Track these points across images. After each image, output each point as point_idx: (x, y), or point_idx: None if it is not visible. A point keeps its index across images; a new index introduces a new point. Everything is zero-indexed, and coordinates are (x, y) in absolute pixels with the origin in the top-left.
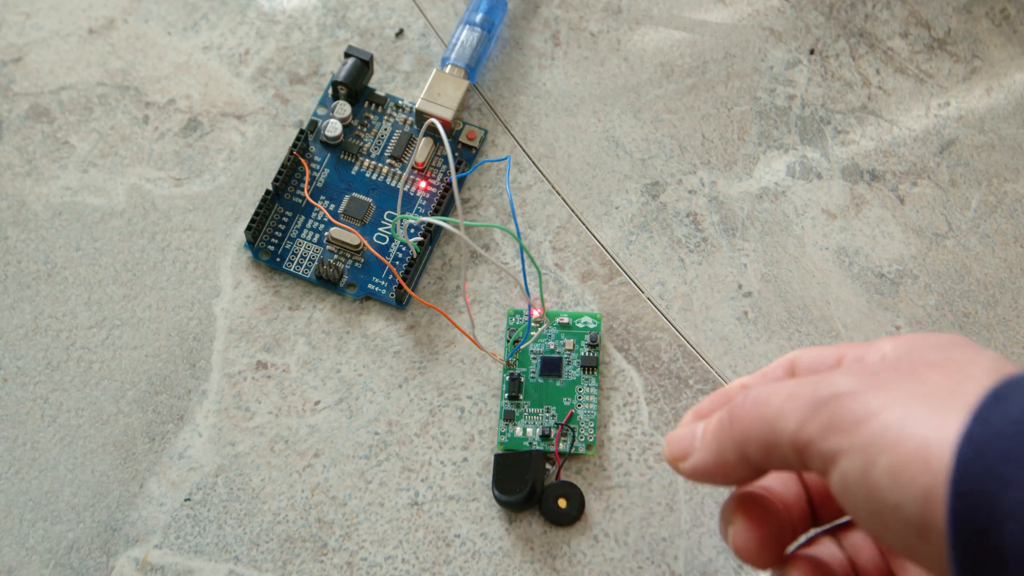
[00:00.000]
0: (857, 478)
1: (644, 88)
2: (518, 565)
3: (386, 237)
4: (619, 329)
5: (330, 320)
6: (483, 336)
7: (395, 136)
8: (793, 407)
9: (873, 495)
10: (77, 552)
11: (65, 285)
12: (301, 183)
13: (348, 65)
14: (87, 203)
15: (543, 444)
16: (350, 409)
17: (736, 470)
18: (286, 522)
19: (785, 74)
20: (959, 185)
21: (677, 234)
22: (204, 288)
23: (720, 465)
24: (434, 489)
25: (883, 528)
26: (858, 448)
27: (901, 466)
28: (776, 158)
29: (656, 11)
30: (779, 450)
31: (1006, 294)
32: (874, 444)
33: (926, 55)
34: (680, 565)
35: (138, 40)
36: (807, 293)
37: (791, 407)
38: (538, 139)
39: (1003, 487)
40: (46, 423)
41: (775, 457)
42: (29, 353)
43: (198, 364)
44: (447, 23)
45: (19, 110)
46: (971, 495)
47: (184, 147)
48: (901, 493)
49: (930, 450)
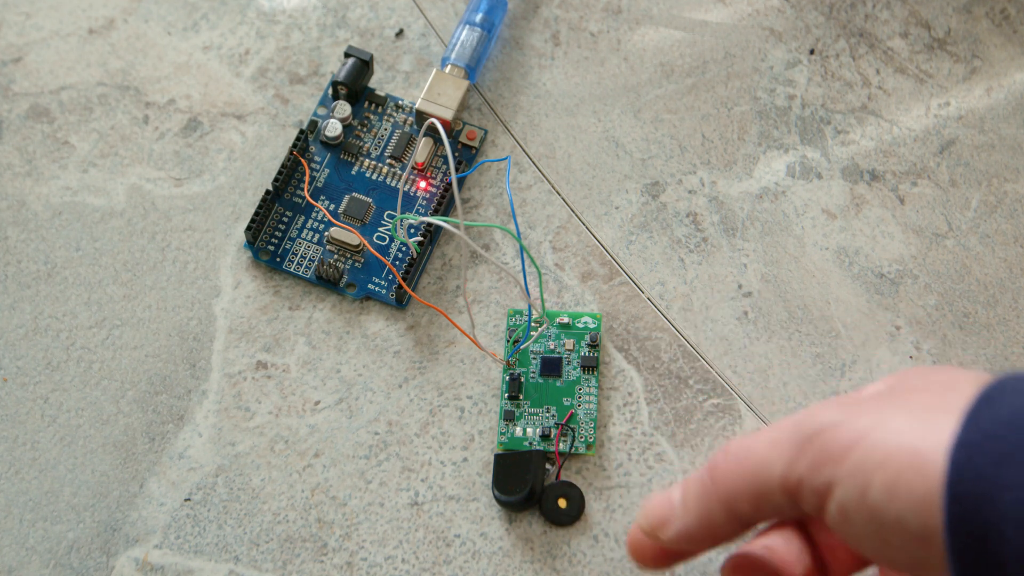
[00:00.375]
0: (855, 503)
1: (644, 88)
2: (518, 565)
3: (386, 237)
4: (619, 329)
5: (330, 320)
6: (483, 336)
7: (395, 136)
8: (778, 451)
9: (873, 516)
10: (77, 552)
11: (65, 285)
12: (301, 183)
13: (348, 65)
14: (87, 203)
15: (543, 444)
16: (350, 409)
17: (725, 529)
18: (286, 522)
19: (785, 74)
20: (959, 185)
21: (677, 234)
22: (204, 288)
23: (707, 527)
24: (434, 489)
25: (888, 548)
26: (851, 473)
27: (896, 479)
28: (776, 158)
29: (656, 11)
30: (770, 499)
31: (1006, 294)
32: (867, 464)
33: (926, 55)
34: (680, 565)
35: (138, 40)
36: (807, 293)
37: (776, 452)
38: (538, 139)
39: (998, 490)
40: (46, 423)
41: (766, 507)
42: (29, 353)
43: (198, 364)
44: (447, 23)
45: (19, 110)
46: (967, 499)
47: (184, 147)
48: (900, 506)
49: (923, 457)
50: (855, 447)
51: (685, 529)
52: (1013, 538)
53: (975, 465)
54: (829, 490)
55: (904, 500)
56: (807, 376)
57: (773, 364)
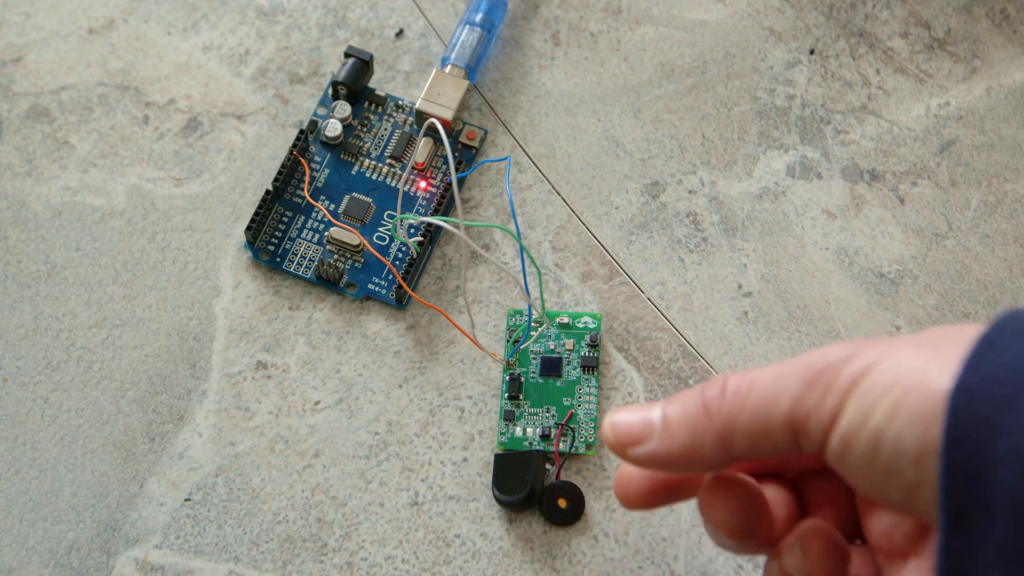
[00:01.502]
0: (857, 428)
1: (644, 88)
2: (518, 565)
3: (386, 237)
4: (619, 329)
5: (330, 320)
6: (483, 336)
7: (395, 136)
8: (784, 386)
9: (873, 437)
10: (77, 552)
11: (65, 285)
12: (301, 183)
13: (348, 65)
14: (87, 203)
15: (543, 444)
16: (350, 409)
17: (710, 462)
18: (286, 522)
19: (785, 74)
20: (959, 185)
21: (677, 234)
22: (204, 288)
23: (691, 456)
24: (434, 489)
25: (882, 475)
26: (857, 399)
27: (900, 400)
28: (776, 158)
29: (656, 11)
30: (770, 436)
31: (1006, 294)
32: (874, 389)
33: (926, 55)
34: (680, 565)
35: (138, 40)
36: (807, 293)
37: (782, 386)
38: (538, 139)
39: (995, 434)
40: (46, 423)
41: (764, 444)
42: (29, 353)
43: (198, 364)
44: (447, 23)
45: (19, 110)
46: (964, 443)
47: (184, 147)
48: (900, 425)
49: (928, 379)
50: (864, 376)
51: (663, 453)
52: (1005, 482)
53: (973, 410)
54: (835, 419)
55: (905, 419)
56: None
57: None
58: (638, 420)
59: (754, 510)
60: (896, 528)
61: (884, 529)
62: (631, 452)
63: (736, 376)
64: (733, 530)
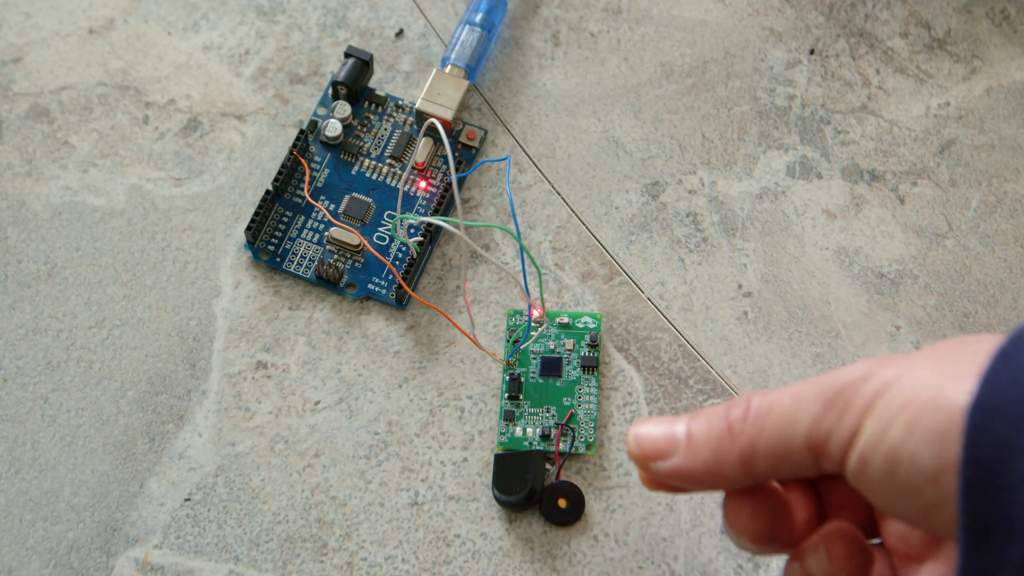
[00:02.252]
0: (875, 445)
1: (644, 88)
2: (518, 565)
3: (386, 237)
4: (619, 329)
5: (330, 320)
6: (483, 336)
7: (395, 136)
8: (803, 407)
9: (890, 455)
10: (77, 552)
11: (65, 285)
12: (301, 183)
13: (348, 65)
14: (87, 203)
15: (543, 444)
16: (350, 409)
17: (730, 480)
18: (286, 522)
19: (785, 74)
20: (959, 185)
21: (677, 234)
22: (204, 288)
23: (713, 475)
24: (434, 489)
25: (899, 493)
26: (876, 416)
27: (917, 416)
28: (776, 158)
29: (656, 11)
30: (791, 457)
31: (1006, 294)
32: (891, 407)
33: (926, 55)
34: (680, 565)
35: (138, 40)
36: (807, 293)
37: (801, 408)
38: (538, 139)
39: (1013, 455)
40: (46, 423)
41: (785, 465)
42: (29, 353)
43: (198, 364)
44: (447, 23)
45: (19, 110)
46: (982, 464)
47: (184, 147)
48: (916, 442)
49: (944, 395)
50: (882, 395)
51: (686, 469)
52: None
53: (992, 429)
54: (853, 439)
55: (921, 436)
56: (807, 376)
57: (773, 364)
58: (662, 434)
59: (779, 516)
60: (912, 532)
61: (901, 533)
62: (654, 466)
63: (758, 396)
64: (758, 536)
